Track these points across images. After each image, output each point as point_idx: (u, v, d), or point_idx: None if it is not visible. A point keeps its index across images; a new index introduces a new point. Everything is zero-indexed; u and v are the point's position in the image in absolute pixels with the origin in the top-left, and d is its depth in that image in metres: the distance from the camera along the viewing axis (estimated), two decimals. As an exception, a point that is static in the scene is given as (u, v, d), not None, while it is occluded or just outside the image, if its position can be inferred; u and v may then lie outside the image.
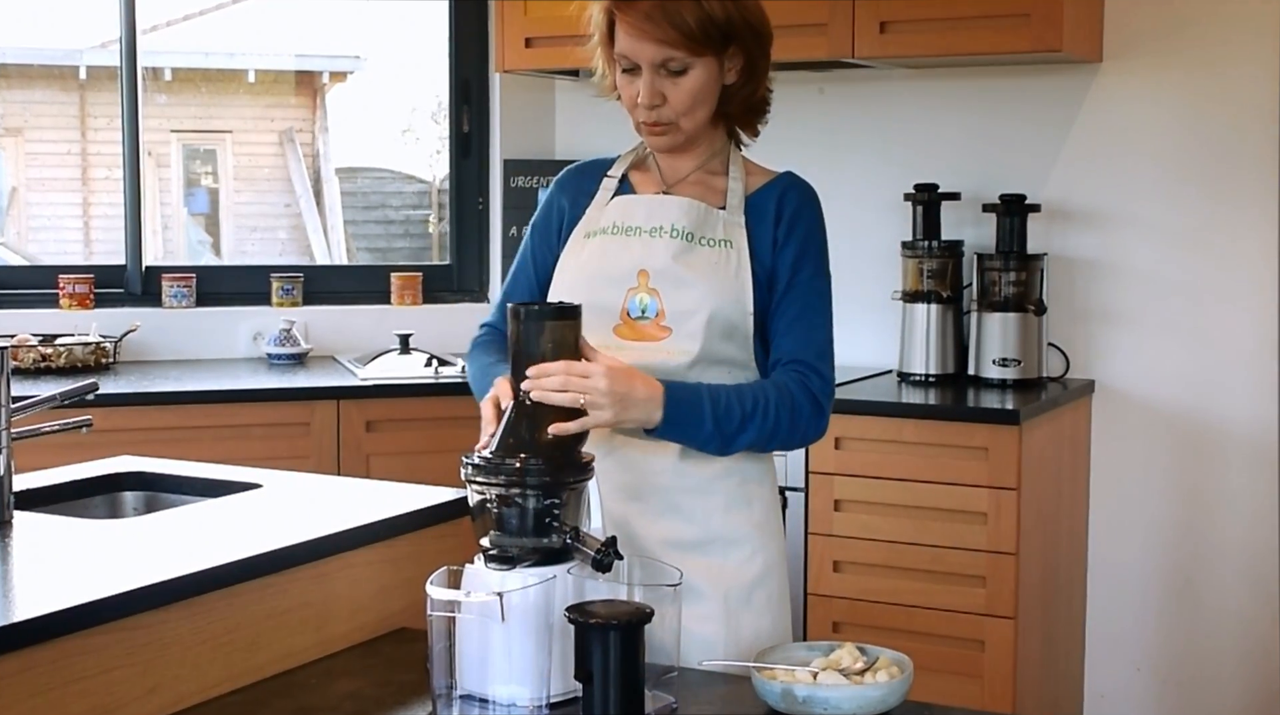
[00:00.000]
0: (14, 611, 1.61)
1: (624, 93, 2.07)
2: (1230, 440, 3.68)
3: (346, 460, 3.67)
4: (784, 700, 1.66)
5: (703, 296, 2.03)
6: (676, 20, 1.97)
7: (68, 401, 2.30)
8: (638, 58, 2.01)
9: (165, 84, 6.71)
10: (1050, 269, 3.79)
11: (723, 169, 2.13)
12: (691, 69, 2.01)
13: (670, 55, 2.00)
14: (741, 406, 1.99)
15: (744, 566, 2.07)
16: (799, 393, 2.03)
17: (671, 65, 2.01)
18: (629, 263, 2.06)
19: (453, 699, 1.64)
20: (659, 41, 1.98)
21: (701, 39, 1.99)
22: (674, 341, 2.03)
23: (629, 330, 2.05)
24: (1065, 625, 3.71)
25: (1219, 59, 3.65)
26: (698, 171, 2.13)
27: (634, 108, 2.07)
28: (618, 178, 2.17)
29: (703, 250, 2.05)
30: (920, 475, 3.38)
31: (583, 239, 2.13)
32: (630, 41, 2.01)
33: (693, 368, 2.02)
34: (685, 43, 1.98)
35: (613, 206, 2.14)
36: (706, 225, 2.07)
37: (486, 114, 4.52)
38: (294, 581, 1.93)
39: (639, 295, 2.05)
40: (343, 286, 4.49)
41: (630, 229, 2.09)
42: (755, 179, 2.13)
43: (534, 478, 1.71)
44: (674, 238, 2.06)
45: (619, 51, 2.04)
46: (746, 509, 2.08)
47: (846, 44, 3.61)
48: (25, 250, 6.39)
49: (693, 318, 2.02)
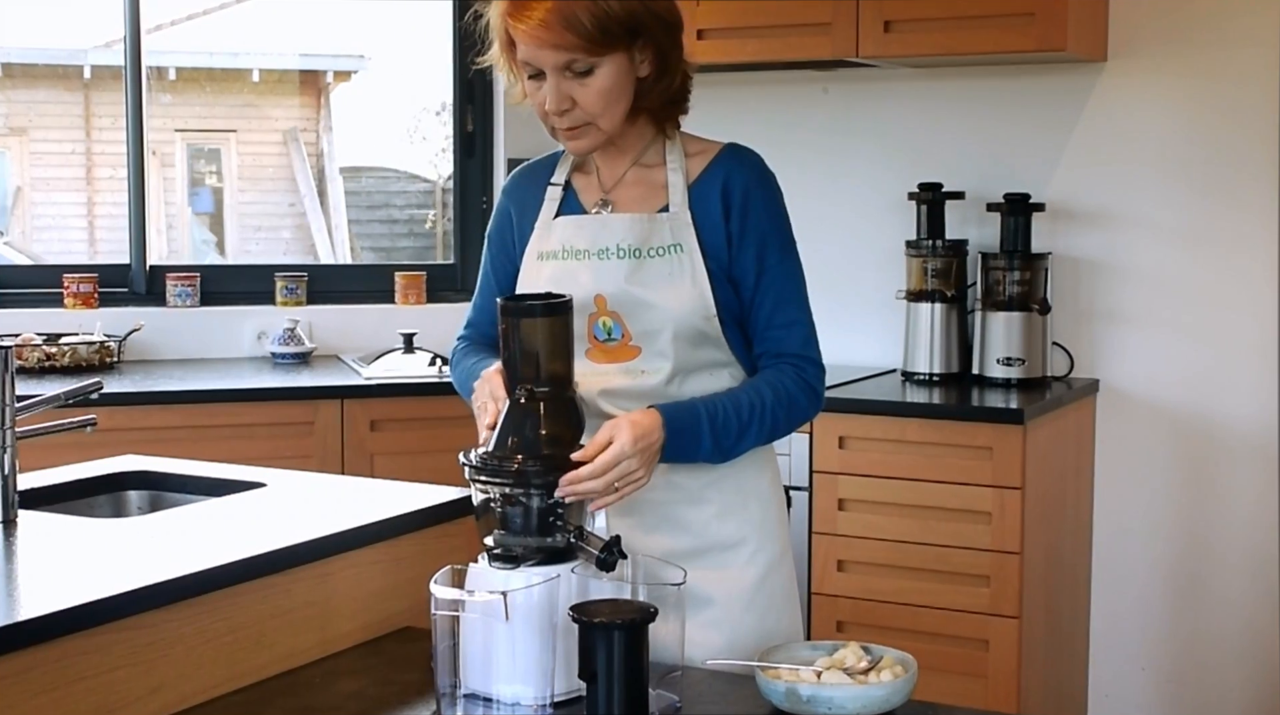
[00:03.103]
0: (18, 611, 1.62)
1: (533, 99, 1.99)
2: (1234, 439, 3.68)
3: (350, 459, 3.67)
4: (788, 700, 1.65)
5: (664, 315, 1.98)
6: (573, 24, 1.89)
7: (72, 401, 2.30)
8: (539, 64, 1.94)
9: (170, 83, 6.72)
10: (1054, 268, 3.79)
11: (660, 159, 2.07)
12: (598, 68, 1.93)
13: (572, 58, 1.92)
14: (739, 417, 1.97)
15: (744, 570, 2.05)
16: (795, 388, 2.01)
17: (576, 67, 1.93)
18: (583, 289, 2.00)
19: (457, 698, 1.64)
20: (556, 47, 1.90)
21: (601, 39, 1.90)
22: (646, 360, 2.00)
23: (600, 353, 2.02)
24: (1069, 624, 3.71)
25: (1224, 59, 3.64)
26: (635, 168, 2.07)
27: (545, 115, 1.99)
28: (561, 185, 2.11)
29: (653, 262, 2.00)
30: (924, 474, 3.38)
31: (536, 261, 2.08)
32: (529, 49, 1.93)
33: (672, 381, 2.00)
34: (584, 45, 1.90)
35: (558, 227, 2.07)
36: (653, 235, 2.01)
37: (490, 113, 4.52)
38: (298, 581, 1.93)
39: (601, 319, 2.01)
40: (347, 286, 4.49)
41: (578, 252, 2.03)
42: (696, 162, 2.06)
43: (538, 477, 1.71)
44: (621, 258, 2.00)
45: (521, 58, 1.96)
46: (743, 512, 2.06)
47: (851, 43, 3.60)
48: (30, 250, 6.40)
49: (659, 337, 1.99)
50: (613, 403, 2.01)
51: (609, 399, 2.01)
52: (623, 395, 2.01)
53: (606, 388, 2.01)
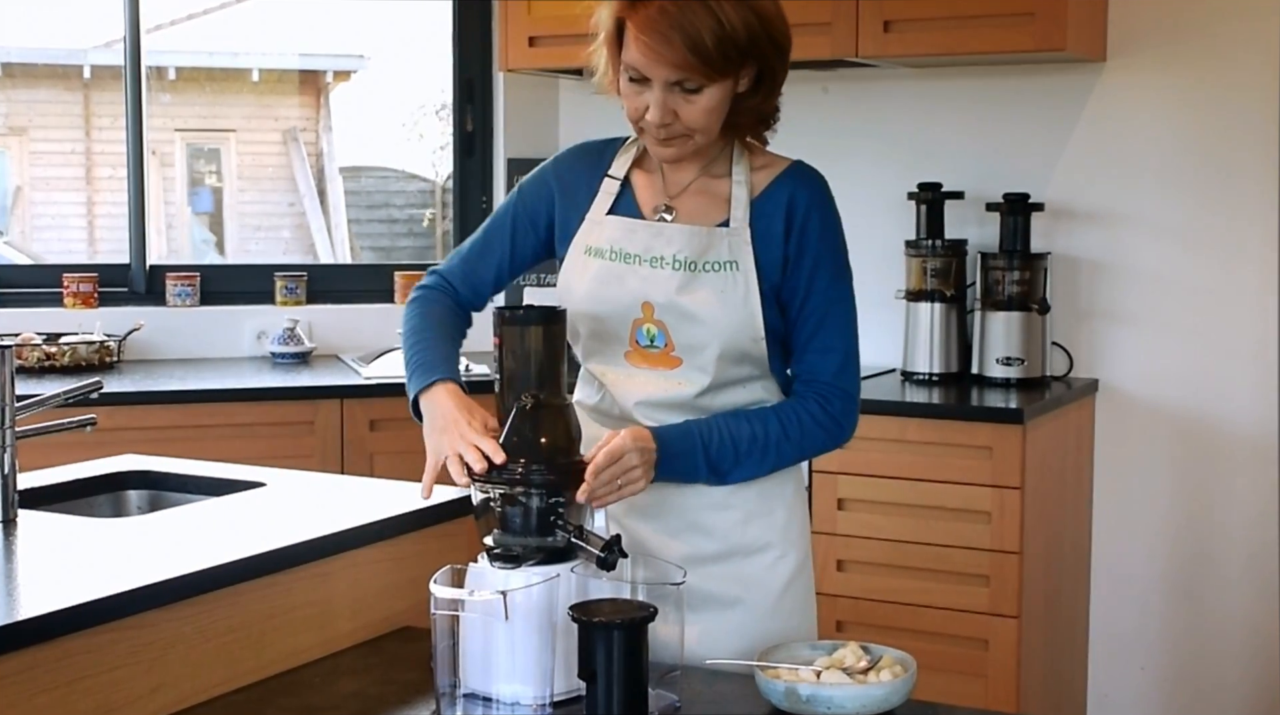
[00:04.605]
0: (18, 610, 1.62)
1: (629, 102, 1.94)
2: (1234, 439, 3.68)
3: (350, 459, 3.67)
4: (787, 699, 1.66)
5: (712, 331, 1.95)
6: (694, 42, 1.83)
7: (72, 400, 2.30)
8: (649, 74, 1.89)
9: (169, 83, 6.72)
10: (1054, 268, 3.79)
11: (726, 171, 2.02)
12: (707, 88, 1.89)
13: (686, 76, 1.88)
14: (735, 449, 1.95)
15: (770, 571, 2.04)
16: (811, 422, 1.98)
17: (687, 84, 1.89)
18: (631, 295, 1.98)
19: (456, 698, 1.64)
20: (674, 65, 1.86)
21: (720, 64, 1.86)
22: (685, 372, 1.98)
23: (640, 357, 2.00)
24: (1069, 624, 3.71)
25: (1223, 58, 3.64)
26: (701, 177, 2.03)
27: (639, 118, 1.94)
28: (620, 179, 2.06)
29: (707, 277, 1.96)
30: (924, 474, 3.38)
31: (583, 255, 2.04)
32: (644, 60, 1.88)
33: (704, 395, 1.98)
34: (703, 68, 1.86)
35: (610, 225, 2.03)
36: (710, 250, 1.97)
37: (490, 113, 4.52)
38: (298, 580, 1.93)
39: (645, 326, 1.98)
40: (346, 285, 4.49)
41: (629, 257, 1.99)
42: (761, 176, 2.01)
43: (538, 477, 1.71)
44: (676, 269, 1.96)
45: (628, 62, 1.91)
46: (768, 517, 2.04)
47: (850, 43, 3.60)
48: (30, 249, 6.40)
49: (703, 352, 1.96)
50: (642, 410, 2.00)
51: (639, 406, 2.00)
52: (654, 403, 1.99)
53: (638, 391, 2.00)
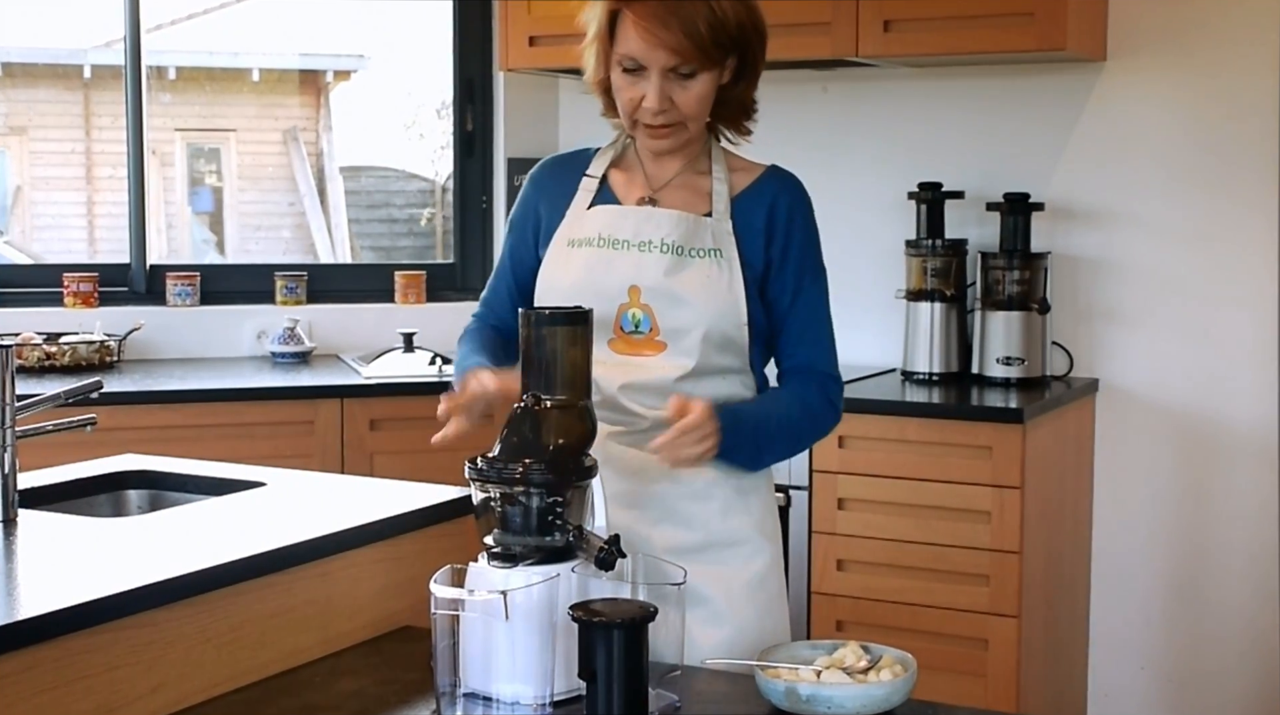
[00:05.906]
0: (18, 610, 1.62)
1: (623, 94, 2.01)
2: (1234, 439, 3.68)
3: (350, 459, 3.67)
4: (787, 699, 1.66)
5: (698, 314, 2.00)
6: (690, 27, 1.92)
7: (72, 400, 2.30)
8: (648, 62, 1.96)
9: (169, 83, 6.71)
10: (1054, 268, 3.79)
11: (706, 168, 2.09)
12: (700, 73, 1.98)
13: (682, 61, 1.95)
14: (771, 428, 2.03)
15: (744, 567, 2.07)
16: (819, 404, 2.08)
17: (682, 70, 1.97)
18: (619, 278, 2.02)
19: (456, 697, 1.64)
20: (672, 50, 1.94)
21: (713, 48, 1.95)
22: (669, 357, 2.02)
23: (624, 344, 2.03)
24: (1069, 624, 3.71)
25: (1223, 58, 3.64)
26: (684, 173, 2.09)
27: (634, 109, 2.00)
28: (598, 178, 2.11)
29: (694, 262, 2.02)
30: (924, 474, 3.38)
31: (566, 248, 2.07)
32: (642, 47, 1.95)
33: (685, 380, 2.01)
34: (698, 53, 1.94)
35: (595, 215, 2.08)
36: (696, 236, 2.03)
37: (490, 113, 4.52)
38: (298, 580, 1.93)
39: (631, 311, 2.02)
40: (347, 285, 4.49)
41: (617, 242, 2.04)
42: (740, 177, 2.09)
43: (538, 476, 1.71)
44: (664, 252, 2.02)
45: (624, 53, 1.97)
46: (745, 512, 2.08)
47: (850, 43, 3.60)
48: (30, 249, 6.39)
49: (688, 335, 2.01)
50: (626, 394, 2.02)
51: (624, 389, 2.03)
52: (638, 387, 2.02)
53: (621, 378, 2.02)
